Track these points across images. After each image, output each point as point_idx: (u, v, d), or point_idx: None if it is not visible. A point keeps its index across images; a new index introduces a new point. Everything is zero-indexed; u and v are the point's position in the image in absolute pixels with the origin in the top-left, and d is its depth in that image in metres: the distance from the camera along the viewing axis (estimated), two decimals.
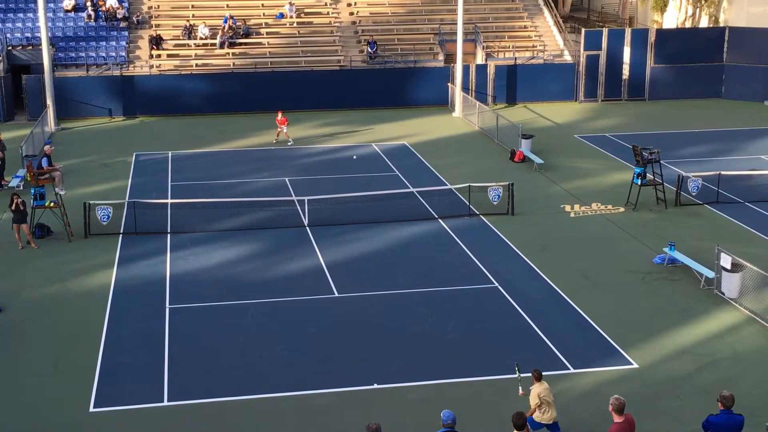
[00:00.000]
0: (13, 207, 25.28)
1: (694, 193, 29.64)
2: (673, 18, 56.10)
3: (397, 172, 33.43)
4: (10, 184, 31.13)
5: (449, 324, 20.29)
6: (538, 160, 34.03)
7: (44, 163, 30.10)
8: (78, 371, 18.27)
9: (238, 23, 46.95)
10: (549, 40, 49.14)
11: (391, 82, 45.34)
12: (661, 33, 48.74)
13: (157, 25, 46.98)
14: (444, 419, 13.08)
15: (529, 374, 15.28)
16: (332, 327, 20.37)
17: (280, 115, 37.90)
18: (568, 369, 18.29)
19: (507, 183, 28.78)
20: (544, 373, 17.89)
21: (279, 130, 38.04)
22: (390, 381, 17.76)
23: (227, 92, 43.93)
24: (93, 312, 21.09)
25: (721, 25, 52.00)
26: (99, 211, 26.72)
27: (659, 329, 20.08)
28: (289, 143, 37.97)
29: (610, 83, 47.15)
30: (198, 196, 29.48)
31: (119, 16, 46.61)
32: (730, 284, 21.59)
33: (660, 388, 17.57)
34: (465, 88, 44.52)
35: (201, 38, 46.16)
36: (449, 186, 30.47)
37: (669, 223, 27.52)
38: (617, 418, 12.93)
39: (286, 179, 32.44)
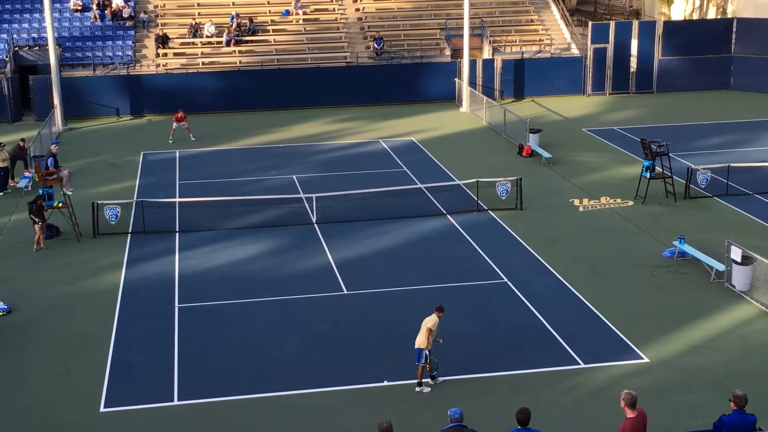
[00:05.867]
0: (35, 209, 25.25)
1: (703, 186, 29.52)
2: (680, 10, 55.91)
3: (405, 168, 33.37)
4: (18, 185, 31.18)
5: (458, 320, 20.23)
6: (546, 154, 33.93)
7: (50, 163, 30.14)
8: (88, 371, 18.29)
9: (244, 21, 46.93)
10: (556, 33, 48.97)
11: (398, 78, 45.26)
12: (669, 25, 48.57)
13: (164, 24, 47.00)
14: (451, 415, 13.16)
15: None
16: (341, 324, 20.34)
17: (180, 113, 37.85)
18: (579, 364, 18.22)
19: (515, 178, 28.71)
20: (555, 369, 17.96)
21: (175, 127, 37.91)
22: (400, 378, 17.73)
23: (234, 90, 43.93)
24: (102, 312, 21.11)
25: (729, 16, 51.79)
26: (107, 211, 26.75)
27: (670, 323, 20.00)
28: (192, 139, 37.99)
29: (618, 76, 46.97)
30: (206, 195, 29.46)
31: (125, 16, 46.64)
32: (741, 277, 21.46)
33: (672, 382, 17.49)
34: (472, 83, 44.42)
35: (207, 36, 46.16)
36: (457, 181, 30.40)
37: (678, 216, 27.41)
38: (630, 413, 12.85)
39: (294, 177, 32.42)
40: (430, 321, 17.24)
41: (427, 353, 17.11)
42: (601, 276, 22.94)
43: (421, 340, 17.13)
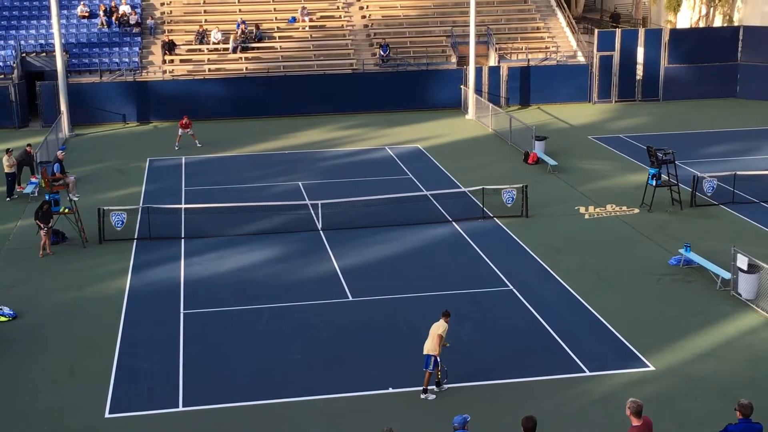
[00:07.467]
0: (40, 214, 25.28)
1: (709, 194, 29.47)
2: (686, 18, 55.90)
3: (411, 175, 33.38)
4: (25, 191, 31.24)
5: (464, 327, 20.20)
6: (551, 161, 33.91)
7: (57, 169, 30.22)
8: (93, 377, 18.30)
9: (250, 28, 47.04)
10: (562, 41, 48.99)
11: (403, 85, 45.27)
12: (675, 33, 48.50)
13: (170, 31, 47.12)
14: (455, 423, 13.17)
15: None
16: (347, 331, 20.33)
17: (185, 119, 37.84)
18: (584, 372, 18.18)
19: (521, 185, 28.69)
20: (560, 376, 17.92)
21: (180, 134, 37.86)
22: (405, 385, 17.71)
23: (240, 97, 44.00)
24: (108, 317, 21.13)
25: (736, 24, 51.77)
26: (113, 217, 26.79)
27: (675, 331, 19.95)
28: (198, 145, 38.01)
29: (624, 84, 46.93)
30: (212, 202, 29.50)
31: (132, 22, 46.78)
32: (747, 285, 21.43)
33: (677, 390, 17.45)
34: (478, 91, 44.43)
35: (214, 43, 46.27)
36: (463, 188, 30.40)
37: (684, 224, 27.36)
38: (635, 421, 12.82)
39: (300, 183, 32.44)
40: (441, 327, 17.18)
41: (438, 360, 17.08)
42: (607, 284, 22.91)
43: (431, 347, 17.05)
